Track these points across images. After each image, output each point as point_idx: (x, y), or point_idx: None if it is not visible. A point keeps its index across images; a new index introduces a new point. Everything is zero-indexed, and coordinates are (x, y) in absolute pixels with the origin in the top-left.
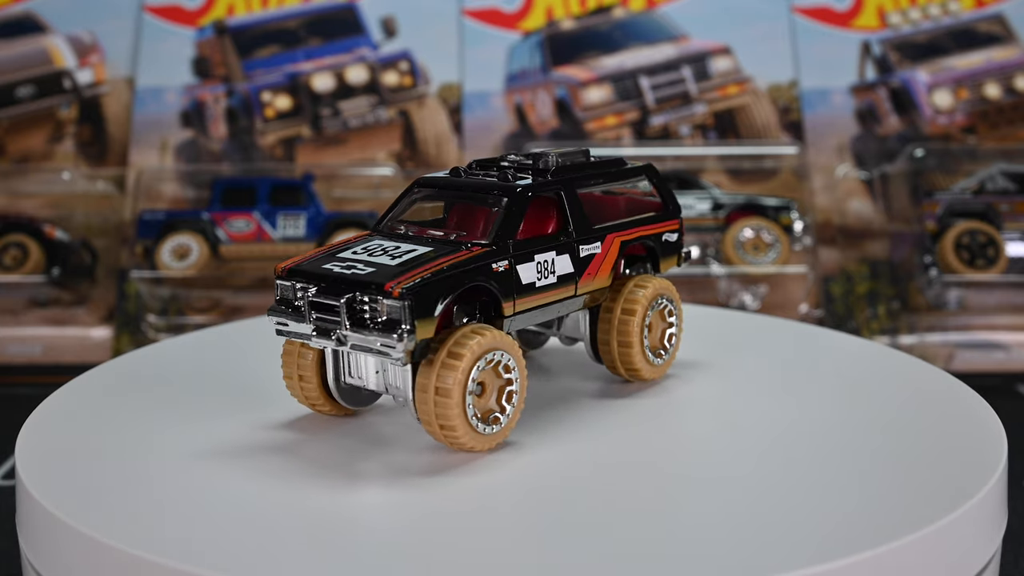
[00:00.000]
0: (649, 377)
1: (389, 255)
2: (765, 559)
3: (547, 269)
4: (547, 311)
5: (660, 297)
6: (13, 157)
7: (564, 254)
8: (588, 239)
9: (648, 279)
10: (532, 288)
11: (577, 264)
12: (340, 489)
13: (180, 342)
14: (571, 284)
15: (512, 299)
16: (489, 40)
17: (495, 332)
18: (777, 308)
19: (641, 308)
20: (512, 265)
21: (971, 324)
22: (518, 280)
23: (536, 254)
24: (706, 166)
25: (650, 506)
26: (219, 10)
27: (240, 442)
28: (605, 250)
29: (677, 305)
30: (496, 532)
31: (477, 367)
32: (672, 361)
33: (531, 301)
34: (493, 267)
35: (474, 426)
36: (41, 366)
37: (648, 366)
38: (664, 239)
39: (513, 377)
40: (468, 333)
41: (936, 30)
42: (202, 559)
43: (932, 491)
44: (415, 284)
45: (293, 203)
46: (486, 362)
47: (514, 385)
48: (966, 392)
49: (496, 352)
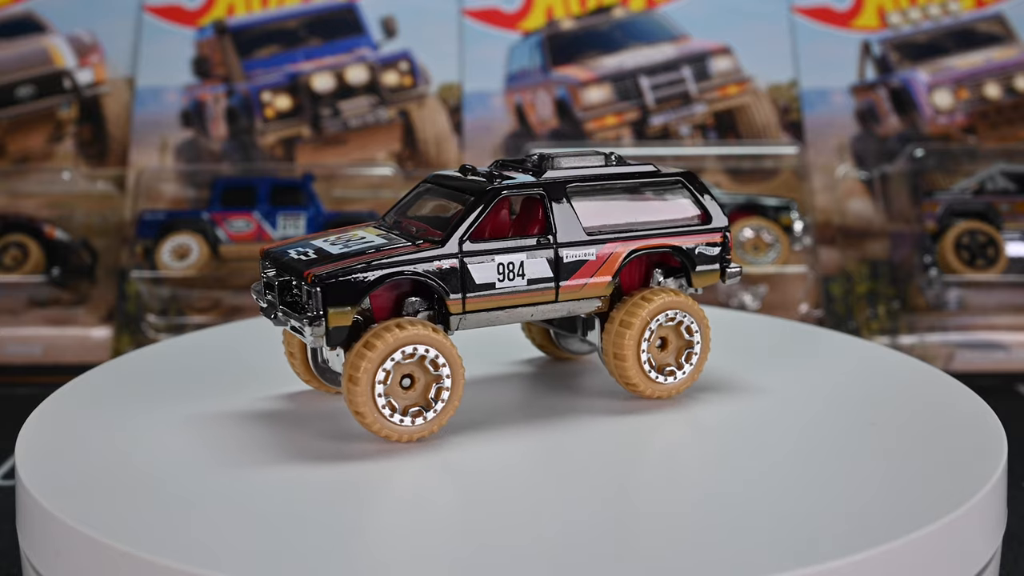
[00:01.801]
0: (651, 394)
1: (345, 245)
2: (765, 559)
3: (513, 271)
4: (516, 314)
5: (670, 312)
6: (13, 157)
7: (539, 257)
8: (577, 244)
9: (658, 292)
10: (490, 288)
11: (558, 269)
12: (341, 489)
13: (180, 342)
14: (549, 289)
15: (461, 297)
16: (489, 40)
17: (421, 327)
18: (777, 308)
19: (639, 321)
20: (462, 264)
21: (971, 324)
22: (470, 279)
23: (497, 255)
24: (706, 166)
25: (649, 506)
26: (219, 10)
27: (240, 442)
28: (601, 259)
29: (700, 324)
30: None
31: (393, 359)
32: (691, 381)
33: (489, 301)
34: (436, 264)
35: (387, 416)
36: (41, 366)
37: (647, 382)
38: (699, 251)
39: (443, 375)
40: (390, 325)
41: (936, 30)
42: (202, 559)
43: (932, 491)
44: (326, 273)
45: (293, 203)
46: (405, 355)
47: (444, 382)
48: (966, 393)
49: (420, 347)
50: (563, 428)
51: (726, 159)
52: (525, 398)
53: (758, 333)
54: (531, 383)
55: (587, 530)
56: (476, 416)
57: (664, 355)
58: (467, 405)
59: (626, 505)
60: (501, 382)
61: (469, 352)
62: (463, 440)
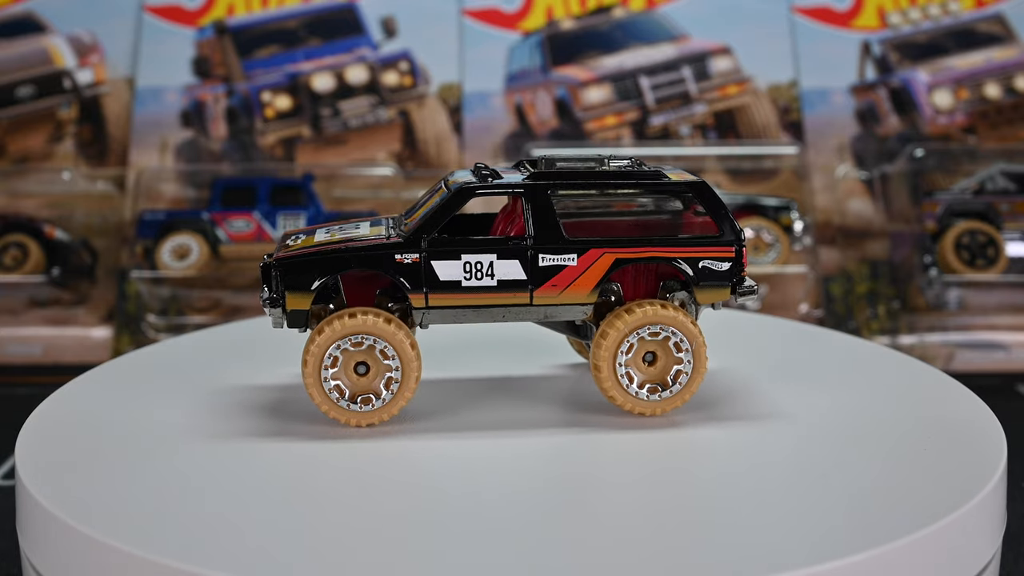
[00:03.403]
0: (630, 409)
1: (338, 234)
2: (764, 559)
3: (481, 271)
4: (485, 313)
5: (654, 327)
6: (13, 157)
7: (512, 259)
8: (556, 249)
9: (643, 305)
10: (455, 286)
11: (533, 272)
12: (342, 489)
13: (180, 342)
14: (523, 292)
15: (423, 292)
16: (489, 40)
17: (373, 318)
18: (777, 308)
19: (616, 333)
20: (424, 260)
21: (971, 324)
22: (433, 275)
23: (463, 253)
24: (706, 166)
25: (648, 506)
26: (219, 10)
27: (241, 442)
28: (585, 264)
29: (692, 342)
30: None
31: (339, 346)
32: (679, 402)
33: (454, 299)
34: (397, 258)
35: (335, 399)
36: (41, 366)
37: (625, 396)
38: (703, 266)
39: (392, 366)
40: (343, 313)
41: (936, 30)
42: (202, 559)
43: (932, 492)
44: (285, 258)
45: (293, 203)
46: (353, 344)
47: (393, 372)
48: (965, 393)
49: (367, 337)
50: (561, 432)
51: (726, 159)
52: (530, 403)
53: (758, 333)
54: (554, 387)
55: (585, 529)
56: (462, 412)
57: (652, 371)
58: (459, 402)
59: (627, 505)
60: (516, 383)
61: (508, 350)
62: (438, 435)
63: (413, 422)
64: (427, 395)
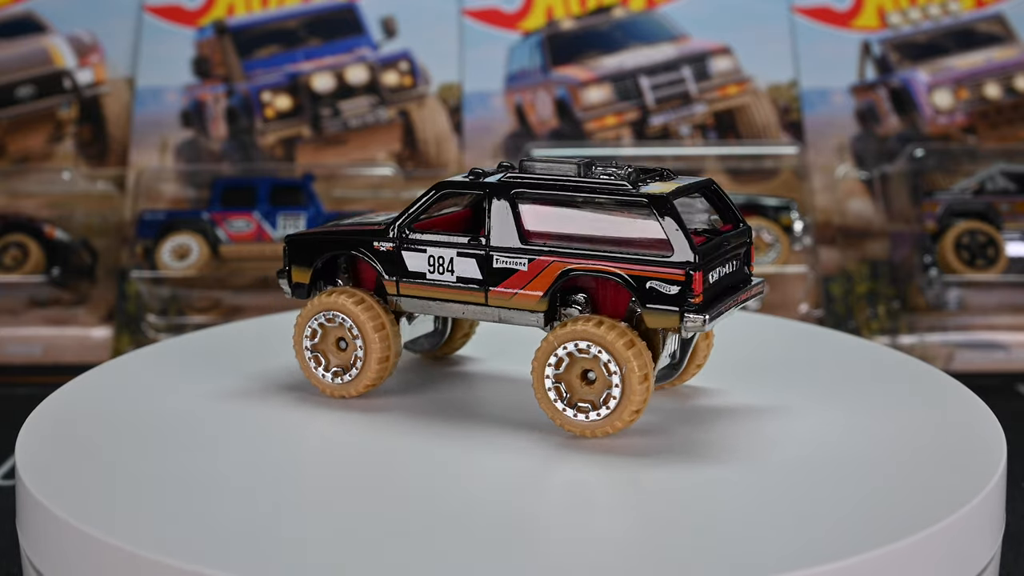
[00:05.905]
0: (560, 425)
1: (365, 221)
2: (764, 559)
3: (442, 266)
4: (446, 307)
5: (581, 343)
6: (13, 157)
7: (468, 258)
8: (510, 251)
9: (579, 320)
10: (420, 277)
11: (488, 273)
12: (345, 489)
13: (180, 342)
14: (479, 291)
15: (395, 280)
16: (489, 40)
17: (344, 297)
18: (777, 308)
19: (546, 344)
20: (396, 249)
21: (971, 324)
22: (403, 264)
23: (428, 247)
24: (706, 166)
25: (649, 505)
26: (219, 10)
27: (241, 441)
28: (533, 272)
29: (621, 364)
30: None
31: (317, 320)
32: (610, 427)
33: (419, 289)
34: (375, 245)
35: (312, 368)
36: (41, 366)
37: (554, 411)
38: (650, 287)
39: (357, 344)
40: (328, 291)
41: (936, 30)
42: (203, 558)
43: (932, 492)
44: (293, 236)
45: (293, 203)
46: (327, 319)
47: (359, 351)
48: (965, 393)
49: (336, 314)
50: (560, 432)
51: (726, 159)
52: (525, 402)
53: (757, 333)
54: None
55: (580, 529)
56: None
57: (589, 391)
58: (452, 396)
59: (626, 505)
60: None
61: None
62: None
63: (438, 422)
64: (459, 387)
